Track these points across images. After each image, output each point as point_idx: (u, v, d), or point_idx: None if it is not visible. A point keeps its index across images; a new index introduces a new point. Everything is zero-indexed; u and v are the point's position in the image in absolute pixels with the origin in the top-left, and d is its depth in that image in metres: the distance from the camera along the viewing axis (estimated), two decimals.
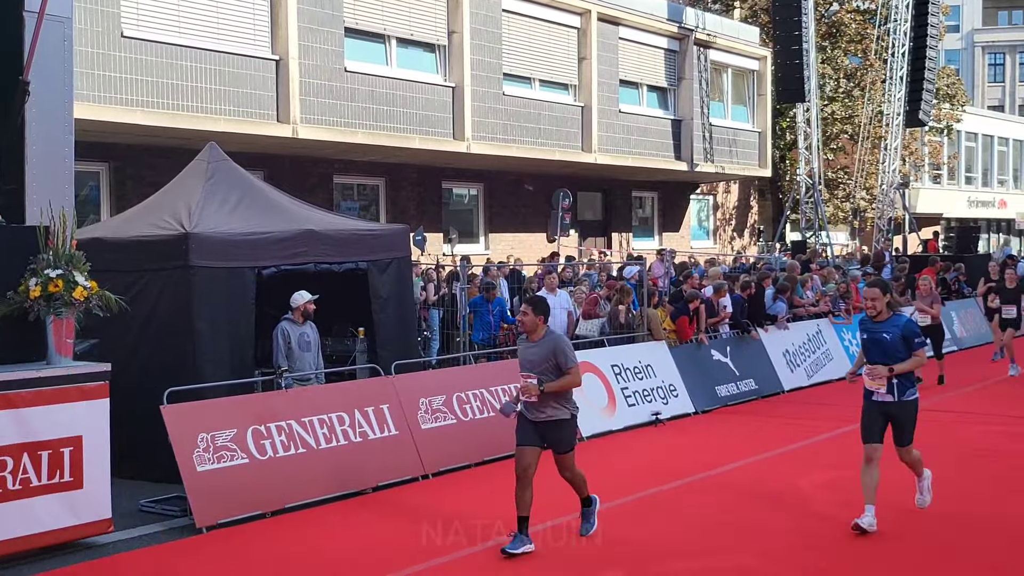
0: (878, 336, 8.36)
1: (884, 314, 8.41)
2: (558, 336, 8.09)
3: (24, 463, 7.72)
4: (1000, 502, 9.34)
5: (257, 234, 10.79)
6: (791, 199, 31.51)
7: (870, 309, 8.48)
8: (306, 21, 18.33)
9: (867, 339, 8.52)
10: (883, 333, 8.33)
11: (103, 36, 15.67)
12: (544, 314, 8.04)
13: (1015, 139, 52.62)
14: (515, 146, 22.49)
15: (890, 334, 8.31)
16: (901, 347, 8.26)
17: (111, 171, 18.16)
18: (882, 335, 8.32)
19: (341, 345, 12.62)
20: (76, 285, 8.00)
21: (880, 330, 8.35)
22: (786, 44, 28.55)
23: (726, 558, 7.80)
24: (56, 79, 9.08)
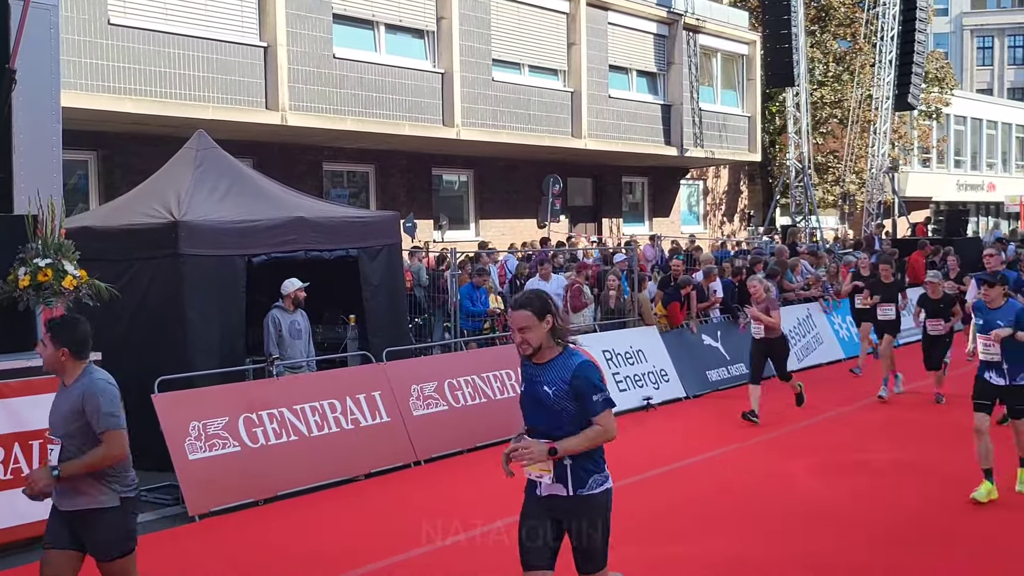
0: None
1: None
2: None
3: (15, 453, 7.72)
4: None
5: (247, 222, 10.77)
6: (781, 183, 31.53)
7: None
8: (294, 8, 18.24)
9: None
10: None
11: (90, 23, 15.58)
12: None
13: (1004, 122, 52.71)
14: (505, 132, 22.45)
15: None
16: None
17: (99, 159, 18.07)
18: None
19: (332, 332, 12.62)
20: (65, 274, 7.98)
21: None
22: (775, 28, 28.51)
23: (714, 541, 7.84)
24: (43, 67, 9.02)
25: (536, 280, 15.21)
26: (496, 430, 11.29)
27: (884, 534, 7.91)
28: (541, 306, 5.05)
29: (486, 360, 12.25)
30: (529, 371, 5.23)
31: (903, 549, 7.57)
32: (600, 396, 5.06)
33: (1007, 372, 8.68)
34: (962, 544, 7.70)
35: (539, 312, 5.04)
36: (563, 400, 5.06)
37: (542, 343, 5.08)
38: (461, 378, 11.57)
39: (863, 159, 34.21)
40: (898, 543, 7.70)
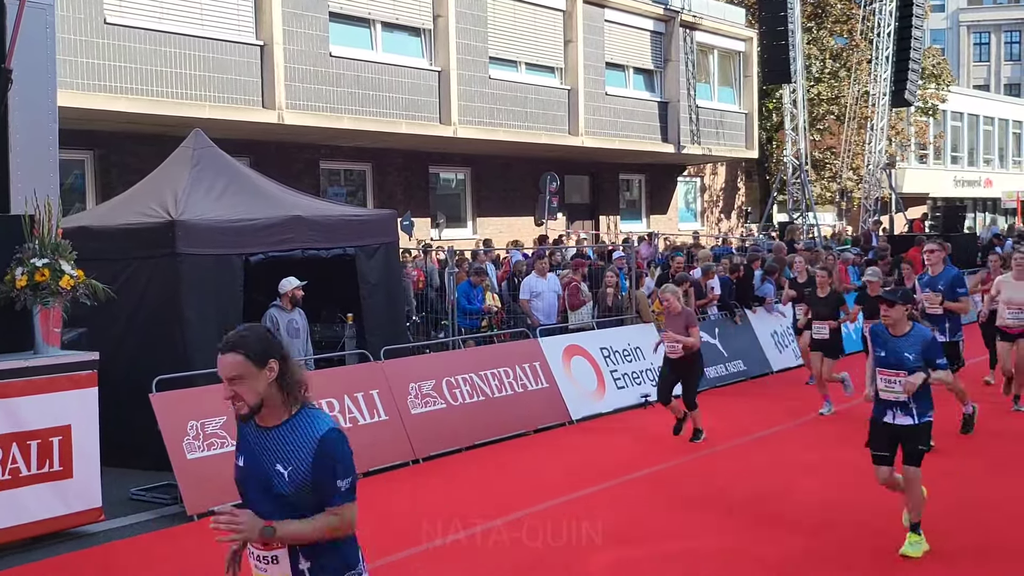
0: None
1: None
2: None
3: (13, 453, 7.71)
4: (991, 482, 9.39)
5: (244, 221, 10.76)
6: (778, 180, 31.54)
7: None
8: (290, 6, 18.23)
9: None
10: None
11: (86, 23, 15.56)
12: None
13: (1000, 118, 52.74)
14: (502, 130, 22.45)
15: None
16: None
17: (96, 159, 18.06)
18: None
19: (330, 331, 12.62)
20: (63, 274, 7.97)
21: None
22: (772, 25, 28.52)
23: (713, 539, 7.84)
24: (39, 67, 9.02)
25: (533, 277, 15.21)
26: (494, 428, 11.30)
27: (879, 530, 7.91)
28: (261, 348, 3.68)
29: (484, 358, 12.25)
30: (250, 440, 3.83)
31: (898, 545, 7.56)
32: (346, 483, 3.89)
33: (914, 410, 7.22)
34: (964, 543, 7.70)
35: (258, 356, 3.68)
36: (303, 487, 3.74)
37: (262, 400, 3.72)
38: (459, 376, 11.56)
39: (860, 155, 34.22)
40: (897, 540, 7.70)
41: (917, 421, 7.30)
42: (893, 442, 7.37)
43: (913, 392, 7.18)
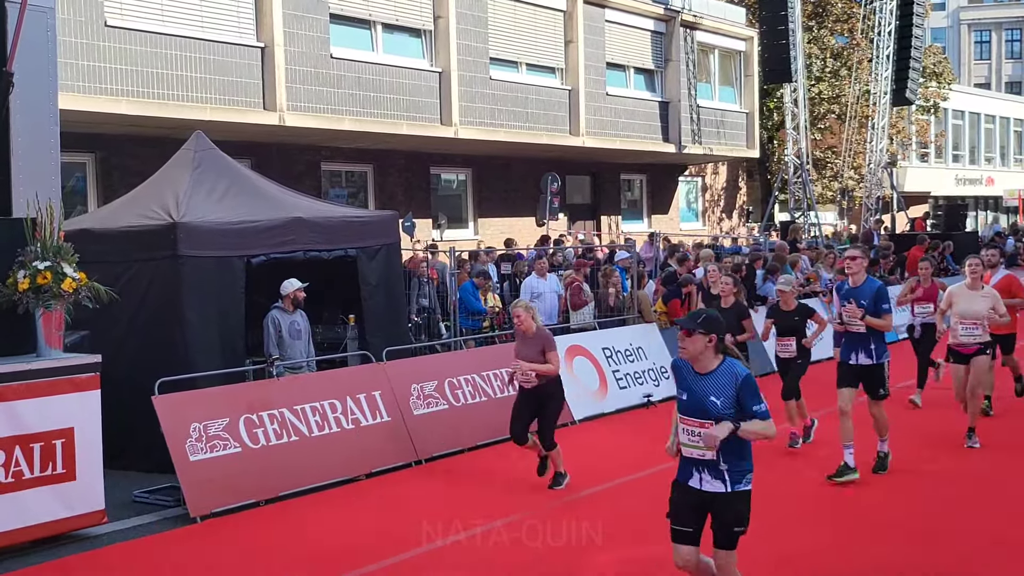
0: None
1: None
2: None
3: (16, 456, 7.72)
4: (994, 483, 9.39)
5: (246, 223, 10.77)
6: (779, 179, 31.53)
7: None
8: (291, 8, 18.24)
9: None
10: None
11: (87, 26, 15.57)
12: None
13: (1001, 116, 52.70)
14: (503, 130, 22.45)
15: None
16: None
17: (97, 161, 18.07)
18: None
19: (332, 333, 12.62)
20: (65, 277, 7.98)
21: None
22: (772, 24, 28.51)
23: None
24: (40, 70, 9.02)
25: (533, 278, 15.21)
26: (496, 429, 11.29)
27: (880, 529, 7.91)
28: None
29: (486, 359, 12.25)
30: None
31: (906, 547, 7.57)
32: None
33: (727, 473, 5.88)
34: (965, 544, 7.70)
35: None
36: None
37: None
38: (461, 377, 11.57)
39: (861, 154, 34.21)
40: (901, 542, 7.71)
41: (729, 488, 5.86)
42: (700, 514, 5.95)
43: (715, 447, 5.69)
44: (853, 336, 9.49)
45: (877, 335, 9.54)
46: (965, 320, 10.59)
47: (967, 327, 10.60)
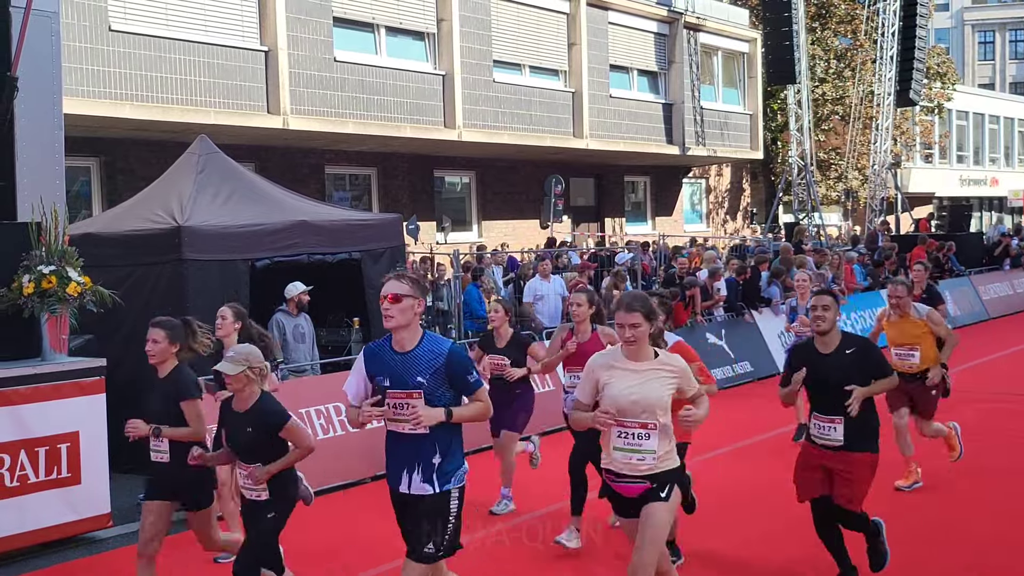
0: None
1: None
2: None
3: (22, 460, 7.73)
4: (996, 483, 9.37)
5: (249, 226, 10.78)
6: (783, 181, 31.52)
7: None
8: (294, 11, 18.27)
9: None
10: None
11: (91, 30, 15.61)
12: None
13: (1006, 117, 52.62)
14: (506, 133, 22.46)
15: None
16: None
17: (102, 166, 18.11)
18: None
19: (336, 336, 12.62)
20: (70, 281, 7.99)
21: None
22: (776, 26, 28.52)
23: (721, 541, 7.83)
24: (44, 74, 9.05)
25: (536, 280, 15.22)
26: None
27: (889, 530, 7.89)
28: None
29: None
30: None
31: (908, 548, 7.55)
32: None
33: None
34: (964, 542, 7.69)
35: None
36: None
37: None
38: None
39: (865, 155, 34.18)
40: (903, 540, 7.69)
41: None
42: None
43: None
44: None
45: None
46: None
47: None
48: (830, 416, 6.52)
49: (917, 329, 9.11)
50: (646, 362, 5.43)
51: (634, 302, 5.43)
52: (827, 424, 6.54)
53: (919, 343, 9.08)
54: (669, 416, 5.41)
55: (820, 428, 6.60)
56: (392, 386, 5.26)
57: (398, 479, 5.36)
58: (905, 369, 9.01)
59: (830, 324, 6.60)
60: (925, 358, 9.11)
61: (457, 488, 5.38)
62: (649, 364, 5.42)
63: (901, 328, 9.16)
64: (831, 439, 6.53)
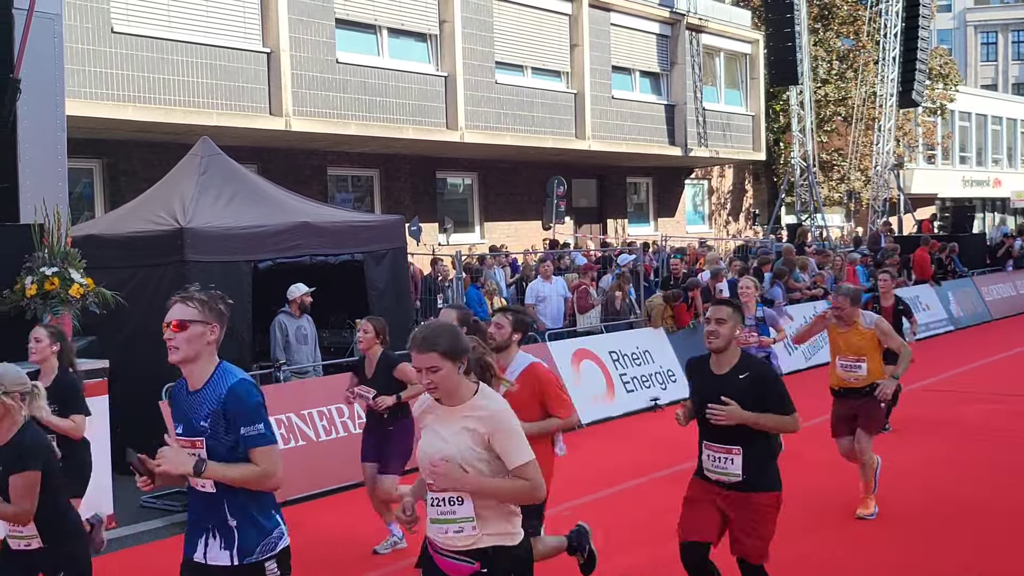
0: None
1: None
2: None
3: None
4: (999, 483, 9.36)
5: (252, 228, 10.79)
6: (786, 182, 31.50)
7: None
8: (296, 13, 18.28)
9: None
10: None
11: (93, 32, 15.62)
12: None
13: (1008, 118, 52.58)
14: (509, 134, 22.46)
15: None
16: None
17: (104, 167, 18.12)
18: None
19: (338, 337, 12.63)
20: (72, 282, 8.01)
21: None
22: (778, 27, 28.51)
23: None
24: (47, 76, 9.06)
25: (538, 282, 15.21)
26: None
27: (892, 530, 7.89)
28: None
29: None
30: None
31: (913, 549, 7.55)
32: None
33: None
34: (969, 545, 7.68)
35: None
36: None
37: None
38: None
39: (868, 156, 34.16)
40: (907, 540, 7.68)
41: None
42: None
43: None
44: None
45: None
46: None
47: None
48: (726, 446, 5.58)
49: (864, 340, 8.29)
50: (460, 407, 4.20)
51: (429, 339, 4.13)
52: (722, 455, 5.60)
53: (866, 355, 8.27)
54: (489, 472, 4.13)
55: (713, 460, 5.65)
56: (183, 433, 4.32)
57: (192, 545, 4.42)
58: (851, 383, 8.33)
59: (725, 341, 5.63)
60: (873, 371, 8.30)
61: (268, 558, 4.22)
62: (462, 411, 4.19)
63: (847, 338, 8.36)
64: (728, 473, 5.58)
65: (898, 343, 8.44)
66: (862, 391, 8.30)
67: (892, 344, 8.32)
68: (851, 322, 8.32)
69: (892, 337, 8.36)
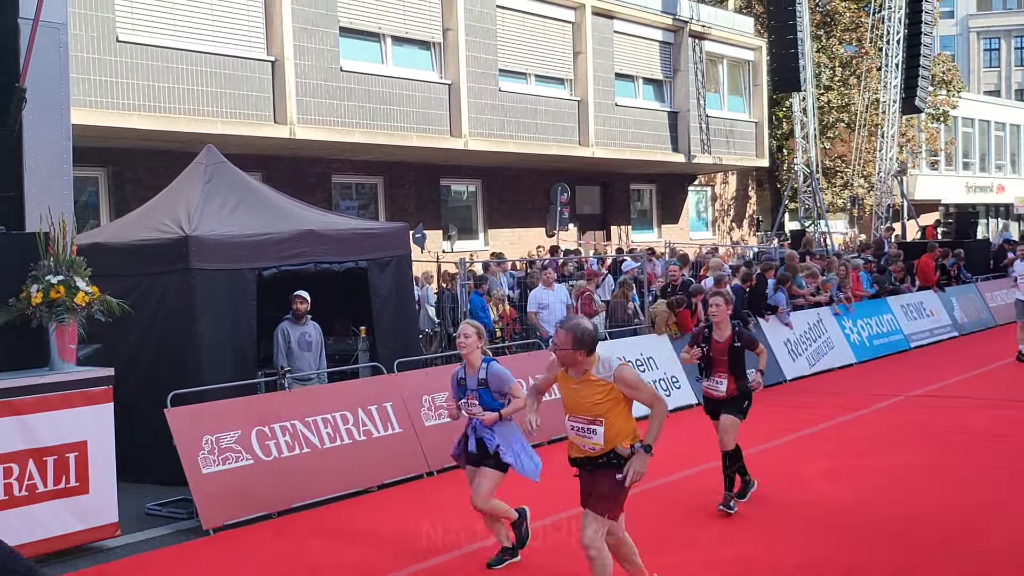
0: None
1: None
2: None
3: (30, 469, 7.75)
4: (1003, 489, 9.36)
5: (257, 236, 10.81)
6: (789, 188, 31.50)
7: None
8: (300, 21, 18.33)
9: None
10: None
11: (98, 41, 15.67)
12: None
13: (1012, 124, 52.56)
14: (512, 142, 22.50)
15: None
16: None
17: (109, 176, 18.16)
18: None
19: (343, 344, 12.64)
20: (78, 291, 8.02)
21: None
22: (781, 34, 28.55)
23: (728, 548, 7.82)
24: (52, 85, 9.10)
25: (540, 289, 15.21)
26: None
27: (897, 537, 7.89)
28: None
29: None
30: None
31: (916, 553, 7.54)
32: None
33: None
34: (975, 549, 7.67)
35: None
36: None
37: None
38: None
39: (871, 163, 34.17)
40: (912, 548, 7.68)
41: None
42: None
43: None
44: None
45: None
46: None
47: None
48: None
49: (599, 393, 6.14)
50: None
51: None
52: None
53: (603, 416, 6.13)
54: None
55: None
56: None
57: None
58: (585, 451, 6.28)
59: None
60: (612, 435, 6.15)
61: None
62: None
63: (578, 393, 6.20)
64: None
65: (648, 395, 6.28)
66: (598, 460, 6.26)
67: (641, 398, 6.23)
68: (581, 370, 6.17)
69: (640, 389, 6.22)
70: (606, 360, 6.19)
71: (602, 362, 6.16)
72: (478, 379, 7.54)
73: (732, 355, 8.93)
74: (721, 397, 9.06)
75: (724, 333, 8.95)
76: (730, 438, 9.03)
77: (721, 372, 8.98)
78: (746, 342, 8.99)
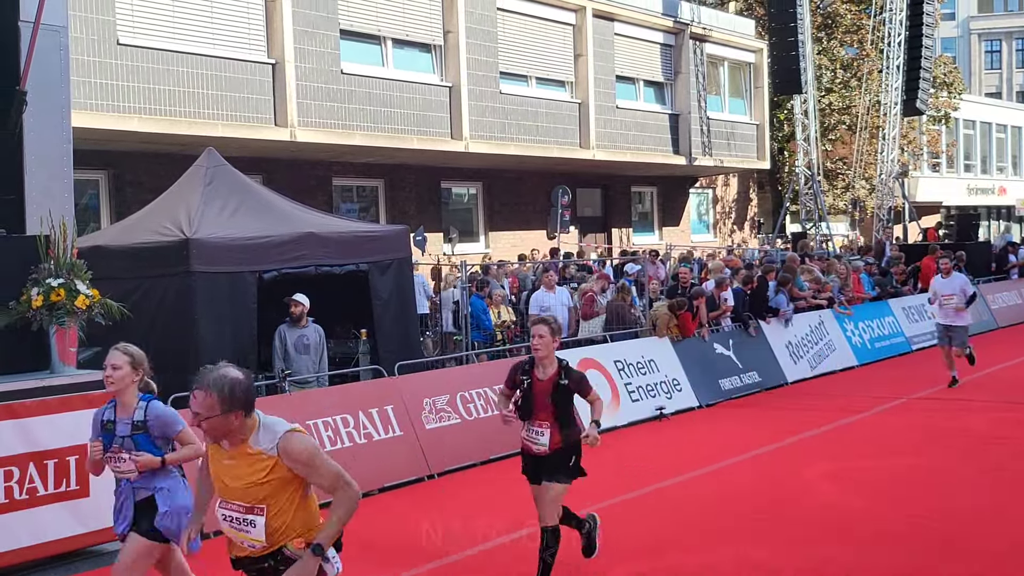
0: None
1: None
2: None
3: (30, 472, 7.73)
4: (1005, 492, 9.35)
5: (257, 238, 10.81)
6: (790, 191, 31.49)
7: None
8: (301, 24, 18.33)
9: None
10: None
11: (99, 44, 15.68)
12: None
13: (1013, 126, 52.54)
14: (513, 144, 22.49)
15: None
16: None
17: (110, 178, 18.16)
18: None
19: (344, 347, 12.65)
20: (78, 294, 8.01)
21: None
22: (782, 36, 28.56)
23: (731, 551, 7.81)
24: (53, 88, 9.09)
25: (541, 292, 15.20)
26: (509, 442, 11.26)
27: (898, 539, 7.87)
28: None
29: (498, 373, 12.21)
30: None
31: (918, 555, 7.53)
32: None
33: None
34: (976, 552, 7.66)
35: None
36: None
37: None
38: (473, 391, 11.56)
39: (872, 165, 34.16)
40: (914, 550, 7.67)
41: None
42: None
43: None
44: None
45: None
46: None
47: None
48: None
49: (259, 471, 4.54)
50: None
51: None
52: None
53: (264, 503, 4.53)
54: None
55: None
56: None
57: None
58: (246, 549, 4.73)
59: None
60: (277, 528, 4.55)
61: None
62: None
63: (232, 470, 4.61)
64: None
65: (330, 477, 4.54)
66: (262, 563, 4.74)
67: (319, 481, 4.58)
68: (237, 440, 4.62)
69: (316, 468, 4.55)
70: (270, 425, 4.62)
71: (264, 428, 4.60)
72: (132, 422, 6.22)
73: (558, 397, 6.99)
74: (542, 453, 7.05)
75: (548, 371, 7.01)
76: (551, 512, 7.02)
77: (543, 420, 7.01)
78: (575, 383, 7.05)
